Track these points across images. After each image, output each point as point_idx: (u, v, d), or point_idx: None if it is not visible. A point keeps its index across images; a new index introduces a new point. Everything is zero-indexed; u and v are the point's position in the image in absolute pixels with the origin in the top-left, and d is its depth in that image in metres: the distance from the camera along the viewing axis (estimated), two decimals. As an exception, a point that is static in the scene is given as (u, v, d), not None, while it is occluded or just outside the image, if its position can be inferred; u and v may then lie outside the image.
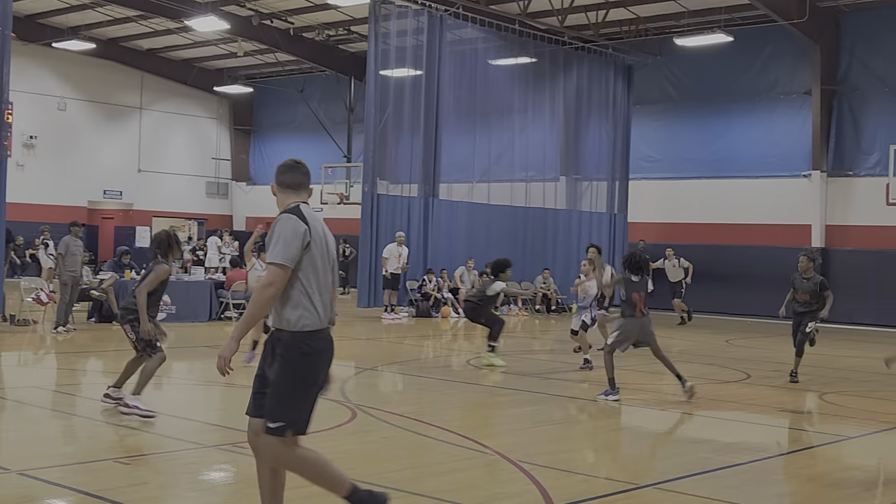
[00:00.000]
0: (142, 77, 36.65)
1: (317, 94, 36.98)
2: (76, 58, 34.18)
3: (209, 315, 20.24)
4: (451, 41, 25.33)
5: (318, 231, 5.26)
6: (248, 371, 13.89)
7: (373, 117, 24.04)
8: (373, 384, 13.28)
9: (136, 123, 36.94)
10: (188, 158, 38.42)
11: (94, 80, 35.40)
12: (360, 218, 24.10)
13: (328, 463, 5.47)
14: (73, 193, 34.14)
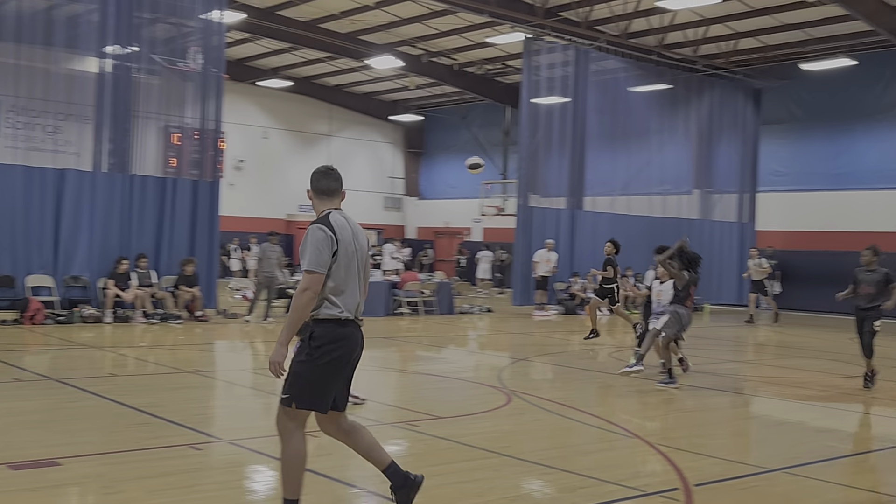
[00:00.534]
0: (330, 109, 37.65)
1: (477, 121, 37.20)
2: (276, 94, 35.40)
3: (385, 311, 20.63)
4: (594, 71, 25.16)
5: (346, 237, 5.16)
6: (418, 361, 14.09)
7: (526, 139, 24.20)
8: (525, 373, 13.24)
9: (325, 148, 37.97)
10: (368, 177, 39.22)
11: (290, 112, 36.59)
12: (514, 227, 24.25)
13: (302, 466, 5.24)
14: (273, 208, 35.40)
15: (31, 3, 17.74)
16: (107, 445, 7.33)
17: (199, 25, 19.18)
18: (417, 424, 8.45)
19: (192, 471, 6.65)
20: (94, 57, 18.21)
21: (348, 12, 25.85)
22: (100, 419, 8.45)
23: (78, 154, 18.29)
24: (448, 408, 9.68)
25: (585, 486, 6.51)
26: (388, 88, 36.64)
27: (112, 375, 11.44)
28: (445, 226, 38.71)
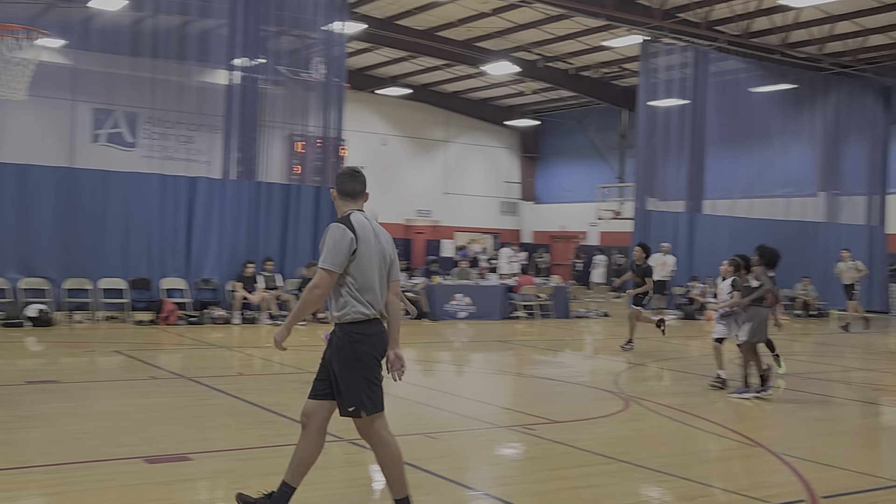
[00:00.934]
0: (447, 115, 37.91)
1: (593, 124, 36.82)
2: (395, 101, 35.89)
3: (501, 314, 20.61)
4: (714, 72, 24.57)
5: (368, 237, 5.10)
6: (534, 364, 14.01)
7: (643, 142, 23.84)
8: (642, 378, 12.98)
9: (441, 154, 38.25)
10: (484, 182, 39.31)
11: (408, 119, 37.01)
12: (631, 231, 23.87)
13: (401, 463, 5.28)
14: (392, 212, 35.78)
15: (166, 19, 18.51)
16: (235, 442, 7.54)
17: (321, 37, 19.62)
18: (533, 428, 8.40)
19: (316, 468, 6.76)
20: (223, 69, 18.87)
21: (465, 20, 25.99)
22: (228, 416, 8.71)
23: (209, 163, 18.98)
24: (564, 412, 9.59)
25: (705, 495, 6.34)
26: (504, 94, 36.64)
27: (240, 375, 11.80)
28: (561, 230, 38.42)
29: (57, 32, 17.65)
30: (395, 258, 5.31)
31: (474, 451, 7.66)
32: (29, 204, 16.18)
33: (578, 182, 37.34)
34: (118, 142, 23.03)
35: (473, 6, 24.61)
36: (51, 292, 16.24)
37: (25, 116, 18.55)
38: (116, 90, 19.88)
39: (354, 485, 6.47)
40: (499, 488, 6.38)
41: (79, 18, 18.43)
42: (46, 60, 15.49)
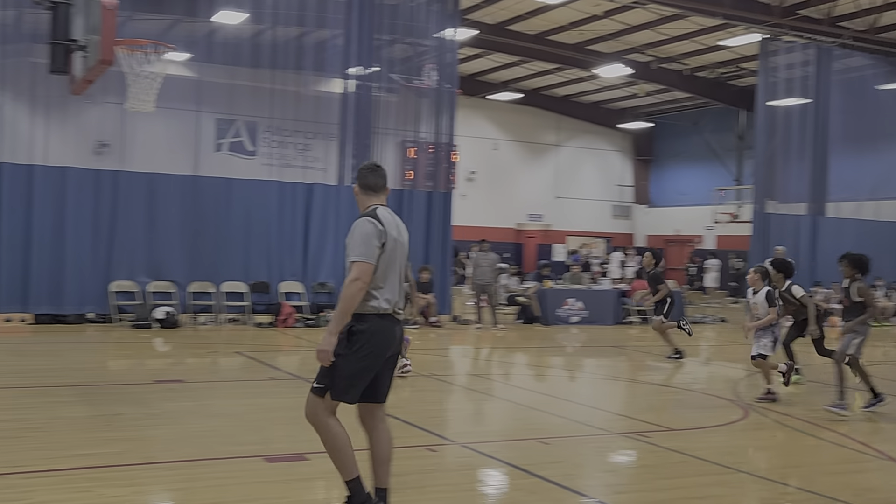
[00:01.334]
0: (558, 119, 37.65)
1: (709, 126, 35.92)
2: (506, 106, 35.85)
3: (614, 320, 20.29)
4: (838, 70, 23.61)
5: (392, 232, 5.13)
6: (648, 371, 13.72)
7: (762, 143, 23.12)
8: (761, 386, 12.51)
9: (553, 158, 38.00)
10: (596, 185, 38.87)
11: (519, 124, 36.91)
12: (749, 235, 23.17)
13: (348, 445, 5.17)
14: (503, 217, 35.85)
15: (285, 31, 18.98)
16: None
17: (433, 44, 19.76)
18: (648, 436, 8.21)
19: (426, 471, 6.79)
20: (338, 78, 19.21)
21: (576, 23, 25.75)
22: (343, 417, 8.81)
23: (324, 169, 19.36)
24: (680, 420, 9.35)
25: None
26: (616, 97, 36.15)
27: (354, 377, 11.95)
28: (676, 234, 37.61)
29: (182, 46, 18.29)
30: (407, 253, 5.37)
31: (587, 458, 7.54)
32: (157, 211, 16.85)
33: (694, 185, 36.49)
34: (239, 150, 23.72)
35: (585, 9, 24.36)
36: (177, 295, 16.84)
37: (153, 127, 19.28)
38: (238, 100, 20.48)
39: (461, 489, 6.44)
40: (613, 496, 6.25)
41: (203, 33, 19.07)
42: (172, 73, 16.04)
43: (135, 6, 17.86)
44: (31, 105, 16.59)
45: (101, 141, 18.87)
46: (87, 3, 9.05)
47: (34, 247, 15.69)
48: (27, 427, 7.72)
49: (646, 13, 24.29)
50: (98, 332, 15.54)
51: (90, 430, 7.75)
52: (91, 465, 6.46)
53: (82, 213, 16.16)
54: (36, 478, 6.07)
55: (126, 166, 17.32)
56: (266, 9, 18.54)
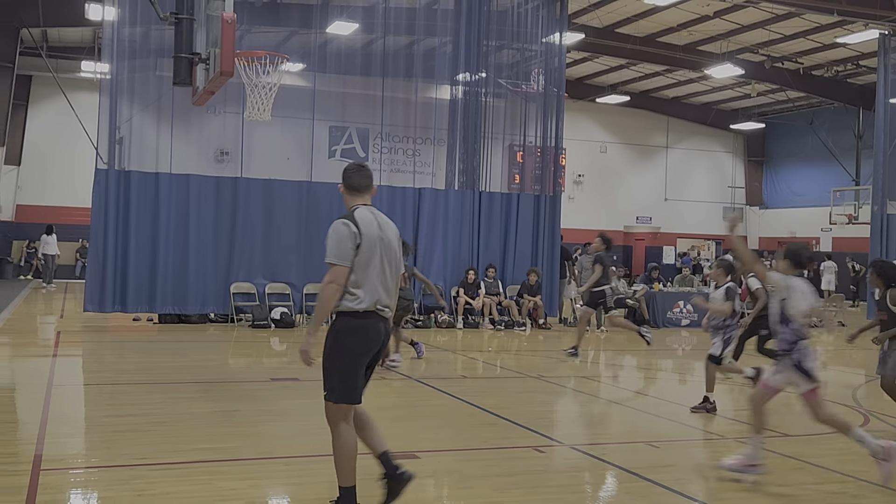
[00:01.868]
0: (667, 121, 36.95)
1: (825, 125, 34.58)
2: (614, 109, 35.38)
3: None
4: (963, 65, 22.38)
5: (371, 231, 5.13)
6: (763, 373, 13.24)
7: (882, 143, 22.13)
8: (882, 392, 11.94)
9: (662, 160, 37.30)
10: (706, 187, 37.95)
11: (628, 126, 36.38)
12: (868, 237, 22.19)
13: (354, 454, 5.16)
14: (611, 219, 35.32)
15: (395, 40, 19.22)
16: (459, 443, 7.64)
17: (540, 49, 19.65)
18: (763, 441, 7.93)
19: (536, 472, 6.74)
20: (447, 85, 19.34)
21: (686, 24, 25.22)
22: (452, 417, 8.86)
23: (433, 174, 19.50)
24: (796, 425, 8.98)
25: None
26: (727, 97, 35.21)
27: (463, 377, 11.99)
28: (791, 235, 36.33)
29: (297, 57, 18.76)
30: (399, 249, 5.32)
31: (698, 462, 7.35)
32: (273, 216, 17.27)
33: (809, 186, 35.23)
34: (351, 156, 24.16)
35: (695, 10, 23.82)
36: (292, 296, 17.24)
37: (269, 135, 19.82)
38: (350, 108, 20.87)
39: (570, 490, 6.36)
40: (727, 503, 6.07)
41: (316, 44, 19.48)
42: (288, 83, 16.45)
43: (252, 20, 18.42)
44: (157, 116, 17.20)
45: (222, 149, 19.53)
46: (208, 17, 9.37)
47: (160, 250, 16.28)
48: (154, 421, 8.02)
49: (758, 12, 23.58)
50: (218, 331, 16.04)
51: (210, 425, 8.01)
52: (211, 459, 6.67)
53: (204, 219, 16.67)
54: (160, 470, 6.30)
55: (245, 173, 17.84)
56: (377, 19, 18.83)
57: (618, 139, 36.47)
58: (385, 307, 5.19)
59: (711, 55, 27.63)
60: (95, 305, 15.86)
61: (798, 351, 6.36)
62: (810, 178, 35.41)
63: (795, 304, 6.37)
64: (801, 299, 6.37)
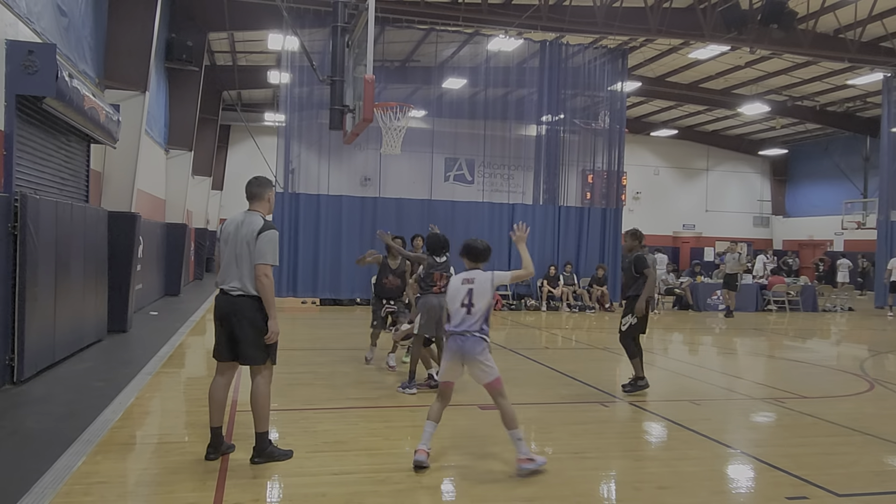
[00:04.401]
0: (707, 149, 35.67)
1: (838, 150, 32.70)
2: (665, 140, 34.41)
3: (755, 308, 18.97)
4: (956, 99, 20.78)
5: (228, 229, 4.97)
6: (784, 349, 12.68)
7: (886, 163, 20.75)
8: (886, 364, 11.26)
9: (703, 180, 36.05)
10: (739, 201, 36.47)
11: (675, 153, 35.31)
12: (874, 239, 20.89)
13: (217, 400, 5.01)
14: (663, 227, 34.41)
15: (493, 91, 19.21)
16: (542, 398, 7.60)
17: (606, 95, 19.31)
18: (784, 401, 7.60)
19: (602, 422, 6.65)
20: (533, 124, 19.21)
21: (722, 73, 24.30)
22: (538, 378, 8.81)
23: (523, 193, 19.40)
24: (812, 389, 8.58)
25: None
26: (756, 129, 33.74)
27: (546, 348, 11.90)
28: (809, 238, 34.57)
29: (420, 106, 18.96)
30: (256, 245, 4.84)
31: (732, 417, 7.10)
32: (403, 224, 17.46)
33: (823, 199, 33.44)
34: (461, 180, 24.27)
35: (730, 61, 22.92)
36: (417, 286, 17.42)
37: (399, 165, 20.07)
38: (460, 144, 20.93)
39: (627, 436, 6.21)
40: (754, 448, 5.85)
41: (435, 95, 19.66)
42: (413, 126, 16.64)
43: (387, 79, 18.73)
44: (318, 152, 17.69)
45: (366, 176, 19.91)
46: (354, 79, 9.59)
47: (321, 251, 16.75)
48: (317, 376, 8.27)
49: (781, 62, 22.53)
50: (363, 311, 16.38)
51: (358, 380, 8.19)
52: (359, 406, 6.83)
53: (352, 227, 17.06)
54: (322, 412, 6.50)
55: (382, 194, 18.15)
56: (480, 76, 18.86)
57: (668, 164, 35.45)
58: (234, 289, 4.91)
59: (743, 96, 26.54)
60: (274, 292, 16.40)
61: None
62: (825, 192, 33.62)
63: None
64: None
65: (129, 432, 5.69)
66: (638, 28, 17.78)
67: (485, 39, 18.52)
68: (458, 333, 5.02)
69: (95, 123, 9.94)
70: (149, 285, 14.84)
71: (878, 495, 4.71)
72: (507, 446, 5.27)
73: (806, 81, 24.84)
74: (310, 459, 5.07)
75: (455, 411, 6.32)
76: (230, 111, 27.76)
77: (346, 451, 5.33)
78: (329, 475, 4.77)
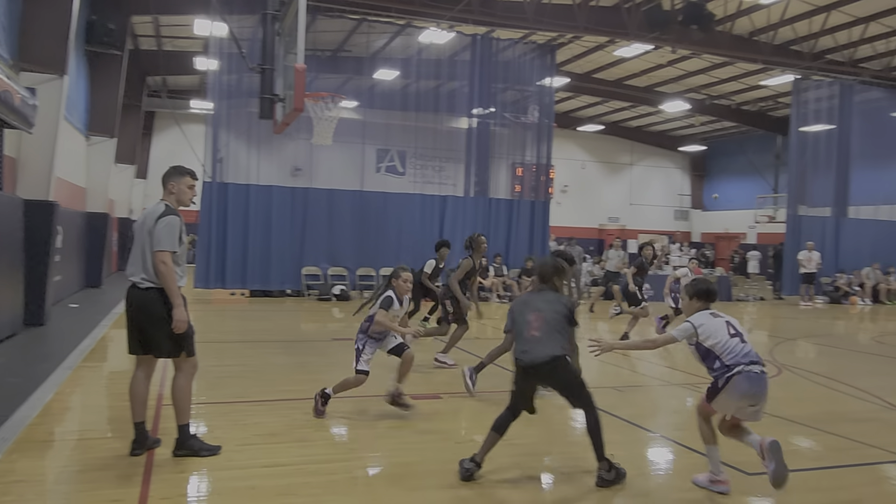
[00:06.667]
0: (631, 144, 36.70)
1: (752, 148, 34.24)
2: (591, 135, 35.19)
3: (675, 297, 19.62)
4: (858, 101, 22.04)
5: (139, 221, 4.81)
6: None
7: (794, 160, 21.80)
8: (794, 350, 11.87)
9: (628, 174, 37.07)
10: (661, 195, 37.70)
11: (601, 148, 36.17)
12: (784, 232, 21.98)
13: (137, 395, 4.80)
14: (588, 220, 35.24)
15: (425, 83, 19.20)
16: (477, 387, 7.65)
17: (535, 90, 19.59)
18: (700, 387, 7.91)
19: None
20: (465, 117, 19.30)
21: (646, 70, 25.02)
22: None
23: (454, 185, 19.49)
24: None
25: (852, 448, 5.70)
26: (677, 126, 34.94)
27: (476, 339, 11.99)
28: (725, 231, 36.07)
29: (352, 97, 18.76)
30: (153, 232, 4.66)
31: (653, 403, 7.35)
32: (334, 215, 17.35)
33: (738, 193, 34.95)
34: (393, 171, 24.18)
35: (653, 60, 23.63)
36: (348, 277, 17.32)
37: (331, 156, 19.85)
38: (392, 135, 20.84)
39: (559, 424, 6.35)
40: (674, 432, 6.08)
41: (367, 86, 19.51)
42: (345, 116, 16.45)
43: (319, 68, 18.44)
44: (247, 141, 17.29)
45: (296, 166, 19.58)
46: (285, 67, 9.41)
47: (250, 241, 16.40)
48: (247, 370, 8.11)
49: (700, 62, 23.37)
50: (293, 303, 16.15)
51: (290, 372, 8.08)
52: (290, 398, 6.74)
53: (282, 218, 16.77)
54: (253, 405, 6.38)
55: (313, 184, 17.90)
56: (412, 68, 18.80)
57: (594, 158, 36.27)
58: (143, 280, 4.70)
59: (665, 94, 27.41)
60: (202, 283, 16.01)
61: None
62: (740, 187, 35.12)
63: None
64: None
65: (47, 429, 5.45)
66: (566, 25, 18.09)
67: (416, 31, 18.46)
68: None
69: (9, 107, 9.42)
70: (68, 277, 14.19)
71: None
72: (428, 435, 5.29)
73: (723, 81, 25.85)
74: (240, 452, 4.97)
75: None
76: (155, 97, 26.78)
77: (278, 443, 5.26)
78: (259, 468, 4.69)
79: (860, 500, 4.59)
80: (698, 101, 28.44)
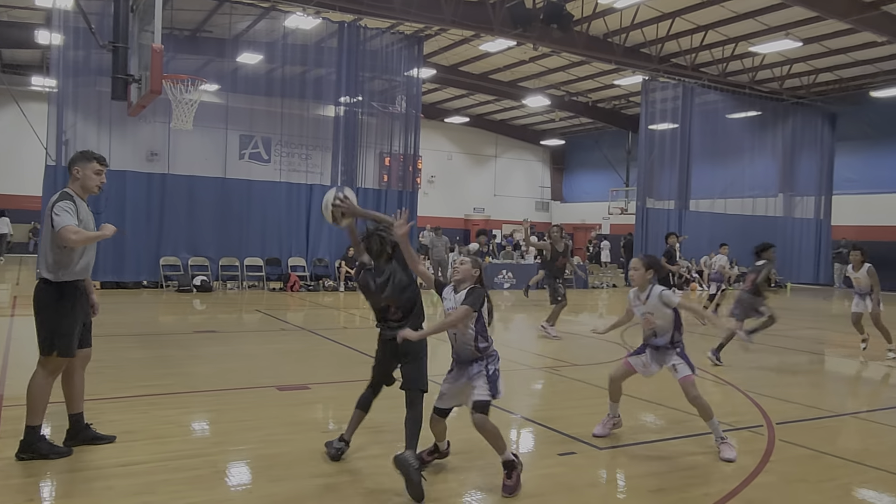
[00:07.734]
0: (496, 137, 37.72)
1: (606, 143, 36.25)
2: (457, 127, 35.81)
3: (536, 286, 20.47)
4: (698, 103, 23.94)
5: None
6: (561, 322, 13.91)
7: (643, 156, 23.39)
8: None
9: (492, 166, 38.10)
10: (523, 186, 39.07)
11: (467, 140, 36.93)
12: (633, 223, 23.53)
13: (46, 396, 4.70)
14: (455, 210, 35.91)
15: (291, 69, 18.77)
16: (340, 376, 7.70)
17: (403, 80, 19.69)
18: (560, 370, 8.39)
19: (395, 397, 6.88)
20: (332, 105, 19.08)
21: (509, 66, 25.81)
22: (335, 358, 8.89)
23: (321, 173, 19.24)
24: (582, 357, 9.56)
25: (688, 420, 6.27)
26: (538, 121, 36.32)
27: (344, 328, 12.00)
28: (581, 222, 38.02)
29: (213, 80, 18.00)
30: (52, 218, 4.46)
31: (516, 387, 7.69)
32: (195, 204, 16.65)
33: (594, 186, 36.91)
34: (257, 159, 23.46)
35: (516, 55, 24.41)
36: (210, 267, 16.69)
37: (192, 141, 18.97)
38: (256, 121, 20.23)
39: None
40: (534, 413, 6.43)
41: (229, 70, 18.78)
42: (206, 100, 15.81)
43: (177, 48, 17.55)
44: (97, 123, 16.22)
45: (152, 151, 18.55)
46: (140, 46, 8.89)
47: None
48: (102, 366, 7.66)
49: (560, 59, 24.42)
50: (150, 295, 15.38)
51: (148, 367, 7.74)
52: (149, 394, 6.47)
53: (138, 205, 15.94)
54: (109, 403, 6.07)
55: (171, 170, 17.05)
56: (277, 52, 18.32)
57: (460, 150, 36.96)
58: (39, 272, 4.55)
59: (528, 89, 28.41)
60: (46, 274, 14.83)
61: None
62: (595, 181, 37.06)
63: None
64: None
65: None
66: (433, 17, 18.30)
67: (282, 15, 18.00)
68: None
69: None
70: None
71: (632, 446, 5.41)
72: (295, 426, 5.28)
73: (581, 79, 27.17)
74: (93, 452, 4.73)
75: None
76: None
77: (135, 440, 5.04)
78: (116, 467, 4.49)
79: (696, 466, 5.07)
80: (558, 97, 29.72)
